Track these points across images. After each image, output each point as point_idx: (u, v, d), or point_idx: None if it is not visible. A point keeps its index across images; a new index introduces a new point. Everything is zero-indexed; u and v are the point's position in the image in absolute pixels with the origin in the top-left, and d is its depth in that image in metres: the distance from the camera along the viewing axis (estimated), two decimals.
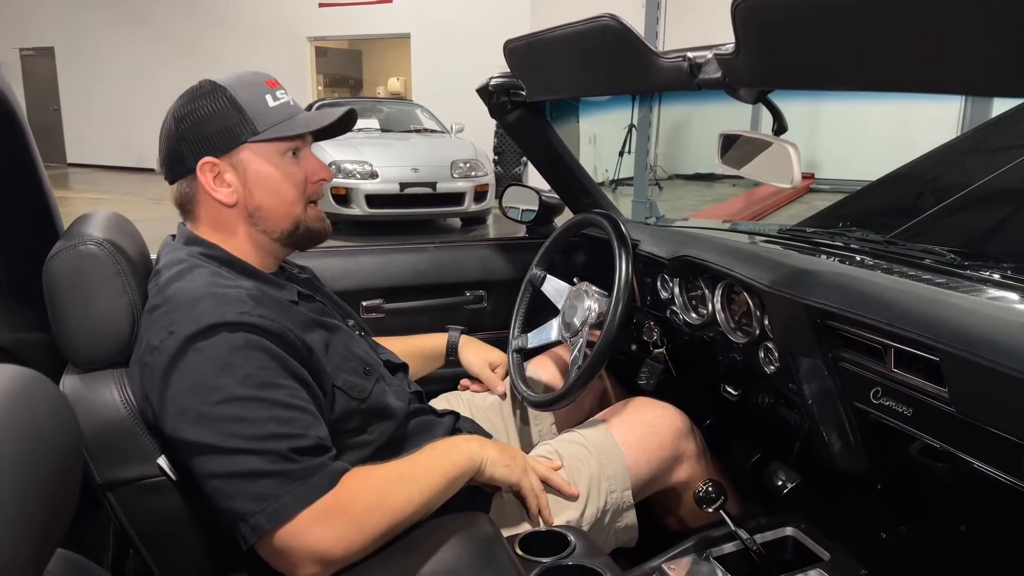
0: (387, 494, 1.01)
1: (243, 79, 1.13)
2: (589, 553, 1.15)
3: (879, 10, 0.73)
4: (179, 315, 1.00)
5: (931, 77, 0.75)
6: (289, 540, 0.94)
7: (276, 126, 1.11)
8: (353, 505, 0.97)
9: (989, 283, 1.24)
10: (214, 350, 0.97)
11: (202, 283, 1.05)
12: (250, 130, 1.10)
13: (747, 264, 1.42)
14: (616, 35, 1.18)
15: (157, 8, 12.65)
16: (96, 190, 11.03)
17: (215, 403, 0.95)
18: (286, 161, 1.13)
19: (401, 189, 7.02)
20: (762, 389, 1.52)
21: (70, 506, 0.64)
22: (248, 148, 1.11)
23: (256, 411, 0.95)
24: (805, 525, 1.34)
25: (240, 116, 1.09)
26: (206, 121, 1.09)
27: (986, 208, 1.79)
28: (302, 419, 0.99)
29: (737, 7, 0.89)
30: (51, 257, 1.06)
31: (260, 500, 0.93)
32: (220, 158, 1.10)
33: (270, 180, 1.12)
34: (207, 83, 1.12)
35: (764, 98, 1.09)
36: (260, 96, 1.12)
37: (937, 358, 1.01)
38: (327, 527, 0.95)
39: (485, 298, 2.00)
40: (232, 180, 1.11)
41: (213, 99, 1.10)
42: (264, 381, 0.97)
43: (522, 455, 1.27)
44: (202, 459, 0.95)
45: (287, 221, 1.15)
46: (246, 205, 1.13)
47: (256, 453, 0.94)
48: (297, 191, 1.15)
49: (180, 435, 0.96)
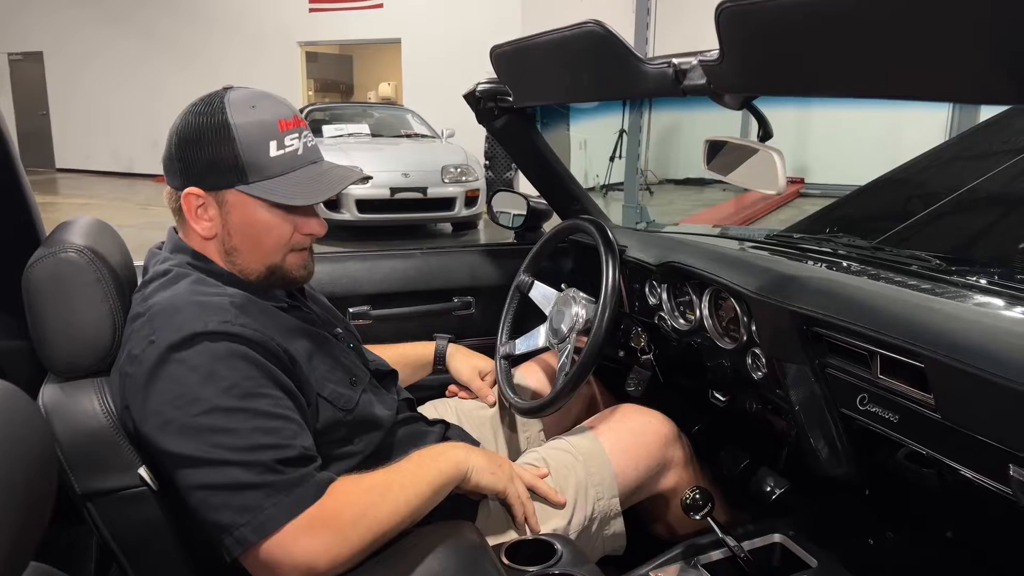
0: (373, 505, 1.00)
1: (256, 113, 1.06)
2: (576, 561, 1.14)
3: (862, 17, 0.73)
4: (159, 324, 0.99)
5: (914, 84, 0.75)
6: (275, 552, 0.93)
7: (269, 181, 1.06)
8: (339, 516, 0.96)
9: (975, 289, 1.25)
10: (196, 360, 0.96)
11: (184, 291, 1.04)
12: (240, 178, 1.05)
13: (734, 270, 1.42)
14: (602, 41, 1.17)
15: (146, 13, 12.60)
16: (85, 195, 10.99)
17: (198, 414, 0.94)
18: (274, 213, 1.08)
19: (392, 194, 7.01)
20: (750, 395, 1.52)
21: (44, 517, 0.63)
22: (235, 194, 1.06)
23: (240, 422, 0.94)
24: (793, 532, 1.34)
25: (235, 160, 1.04)
26: (202, 149, 1.05)
27: (972, 214, 1.80)
28: (287, 429, 0.98)
29: (720, 13, 0.89)
30: (31, 264, 1.04)
31: (245, 512, 0.92)
32: (207, 192, 1.07)
33: (251, 228, 1.08)
34: (218, 102, 1.06)
35: (749, 104, 1.09)
36: (263, 141, 1.05)
37: (922, 364, 1.01)
38: (313, 539, 0.94)
39: (473, 304, 1.99)
40: (214, 216, 1.08)
41: (215, 129, 1.04)
42: (248, 391, 0.96)
43: (508, 463, 1.26)
44: (186, 471, 0.94)
45: (261, 266, 1.12)
46: (223, 242, 1.10)
47: (241, 465, 0.93)
48: (276, 243, 1.10)
49: (163, 446, 0.95)
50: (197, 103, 1.08)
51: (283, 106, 1.10)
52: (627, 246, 1.74)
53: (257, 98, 1.08)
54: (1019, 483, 0.90)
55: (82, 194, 11.13)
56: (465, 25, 10.28)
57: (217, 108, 1.05)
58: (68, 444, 0.99)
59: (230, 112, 1.05)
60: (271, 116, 1.07)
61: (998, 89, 0.67)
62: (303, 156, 1.10)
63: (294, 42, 11.97)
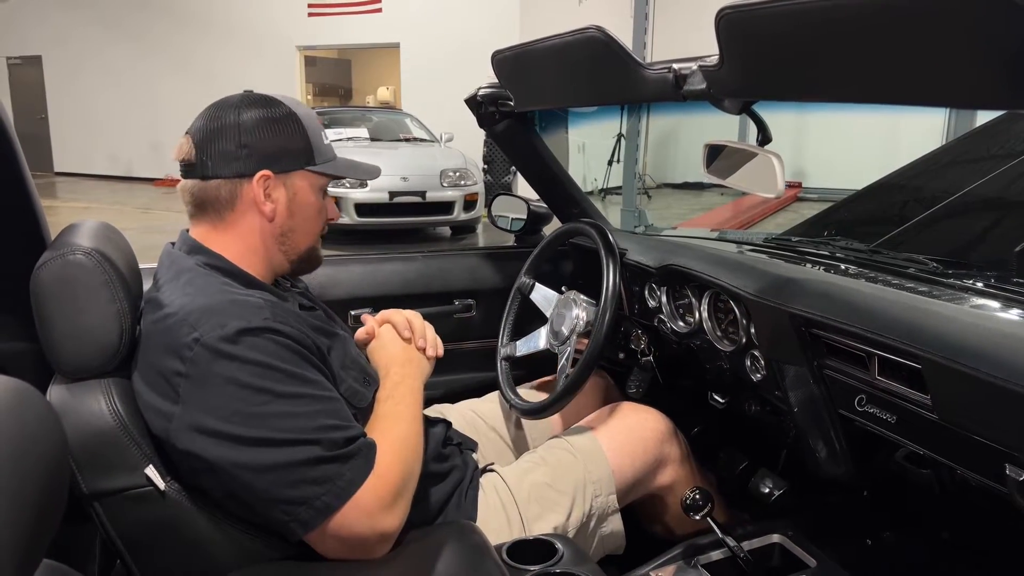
0: (407, 460, 1.09)
1: (302, 108, 1.19)
2: (576, 561, 1.15)
3: (858, 23, 0.74)
4: (200, 322, 1.00)
5: (910, 90, 0.77)
6: (353, 516, 0.98)
7: (328, 163, 1.19)
8: (390, 474, 1.03)
9: (972, 291, 1.26)
10: (249, 355, 0.98)
11: (216, 290, 1.06)
12: (309, 159, 1.16)
13: (733, 273, 1.44)
14: (602, 47, 1.19)
15: (145, 18, 12.62)
16: (84, 199, 10.99)
17: (262, 403, 0.97)
18: (320, 196, 1.20)
19: (390, 198, 7.02)
20: (749, 397, 1.53)
21: (56, 516, 0.64)
22: (302, 175, 1.16)
23: (304, 406, 0.99)
24: (792, 532, 1.35)
25: (306, 144, 1.15)
26: (276, 137, 1.13)
27: (968, 217, 1.81)
28: (344, 410, 1.05)
29: (721, 19, 0.90)
30: (39, 267, 1.05)
31: (325, 483, 0.97)
32: (277, 175, 1.14)
33: (309, 208, 1.18)
34: (272, 99, 1.16)
35: (748, 109, 1.10)
36: (319, 131, 1.19)
37: (920, 366, 1.02)
38: (382, 499, 1.01)
39: (474, 307, 2.00)
40: (279, 198, 1.15)
41: (282, 117, 1.14)
42: (303, 378, 1.02)
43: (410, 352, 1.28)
44: (255, 454, 0.96)
45: (305, 246, 1.21)
46: (281, 224, 1.16)
47: (313, 443, 0.98)
48: (321, 223, 1.23)
49: (231, 433, 0.97)
50: (246, 99, 1.15)
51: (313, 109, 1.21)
52: (627, 249, 1.76)
53: (291, 99, 1.20)
54: (1015, 482, 0.92)
55: (81, 198, 11.13)
56: (463, 29, 10.30)
57: (273, 101, 1.16)
58: (75, 444, 1.00)
59: (291, 105, 1.16)
60: (313, 112, 1.21)
61: (991, 94, 0.68)
62: (333, 149, 1.24)
63: (293, 46, 11.99)
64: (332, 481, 0.97)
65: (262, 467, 0.96)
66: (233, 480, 0.98)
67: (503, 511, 1.30)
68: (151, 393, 1.03)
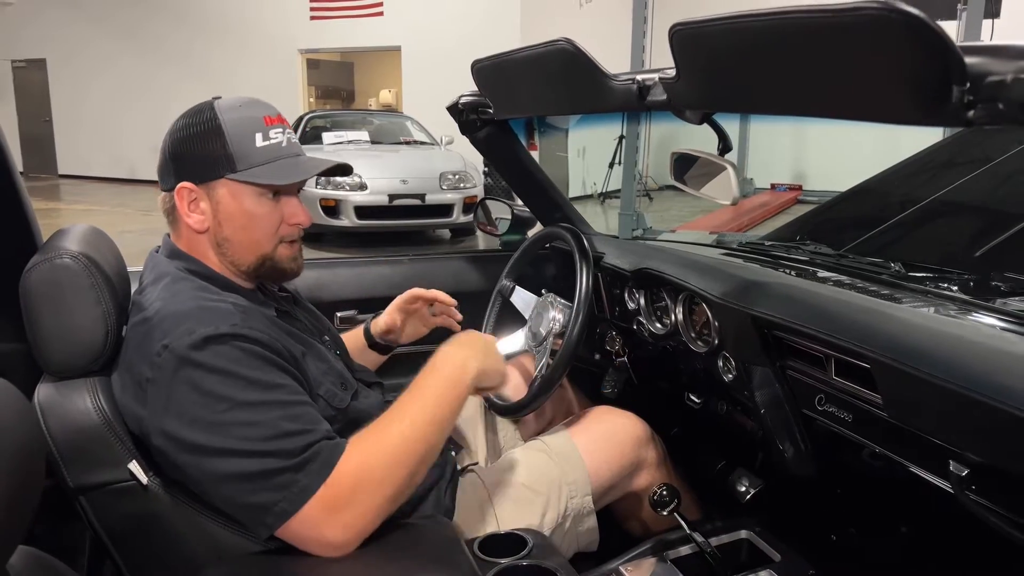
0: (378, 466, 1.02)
1: (243, 110, 1.14)
2: (546, 554, 1.19)
3: (787, 43, 0.78)
4: (170, 328, 1.02)
5: (843, 106, 0.81)
6: (315, 516, 0.97)
7: (255, 168, 1.13)
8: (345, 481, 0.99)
9: (931, 295, 1.30)
10: (214, 362, 0.99)
11: (190, 296, 1.08)
12: (229, 167, 1.12)
13: (703, 276, 1.48)
14: (571, 58, 1.22)
15: (149, 21, 12.69)
16: (87, 201, 11.04)
17: (224, 411, 0.98)
18: (261, 203, 1.15)
19: (390, 201, 7.05)
20: (720, 397, 1.57)
21: (31, 504, 0.68)
22: (224, 183, 1.13)
23: (264, 413, 0.99)
24: (759, 528, 1.39)
25: (224, 151, 1.11)
26: (193, 146, 1.12)
27: (936, 222, 1.85)
28: (308, 414, 1.03)
29: (674, 34, 0.94)
30: (28, 270, 1.09)
31: (282, 489, 0.96)
32: (198, 185, 1.13)
33: (240, 218, 1.14)
34: (207, 106, 1.14)
35: (709, 119, 1.14)
36: (250, 134, 1.13)
37: (869, 366, 1.06)
38: (327, 510, 0.97)
39: (457, 309, 2.04)
40: (206, 209, 1.14)
41: (205, 126, 1.12)
42: (268, 384, 1.01)
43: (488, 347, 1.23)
44: (216, 463, 0.97)
45: (252, 257, 1.17)
46: (215, 234, 1.15)
47: (271, 454, 0.97)
48: (266, 232, 1.17)
49: (191, 441, 0.98)
50: (188, 111, 1.16)
51: (269, 107, 1.19)
52: (604, 253, 1.80)
53: (244, 100, 1.17)
54: (957, 478, 0.96)
55: (84, 200, 11.19)
56: (465, 33, 10.31)
57: (206, 109, 1.14)
58: (61, 440, 1.04)
59: (219, 112, 1.13)
60: (258, 112, 1.15)
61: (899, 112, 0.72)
62: (286, 149, 1.17)
63: (295, 50, 12.04)
64: (288, 488, 0.97)
65: (224, 476, 0.98)
66: (198, 484, 1.01)
67: (479, 509, 1.33)
68: (125, 395, 1.07)
